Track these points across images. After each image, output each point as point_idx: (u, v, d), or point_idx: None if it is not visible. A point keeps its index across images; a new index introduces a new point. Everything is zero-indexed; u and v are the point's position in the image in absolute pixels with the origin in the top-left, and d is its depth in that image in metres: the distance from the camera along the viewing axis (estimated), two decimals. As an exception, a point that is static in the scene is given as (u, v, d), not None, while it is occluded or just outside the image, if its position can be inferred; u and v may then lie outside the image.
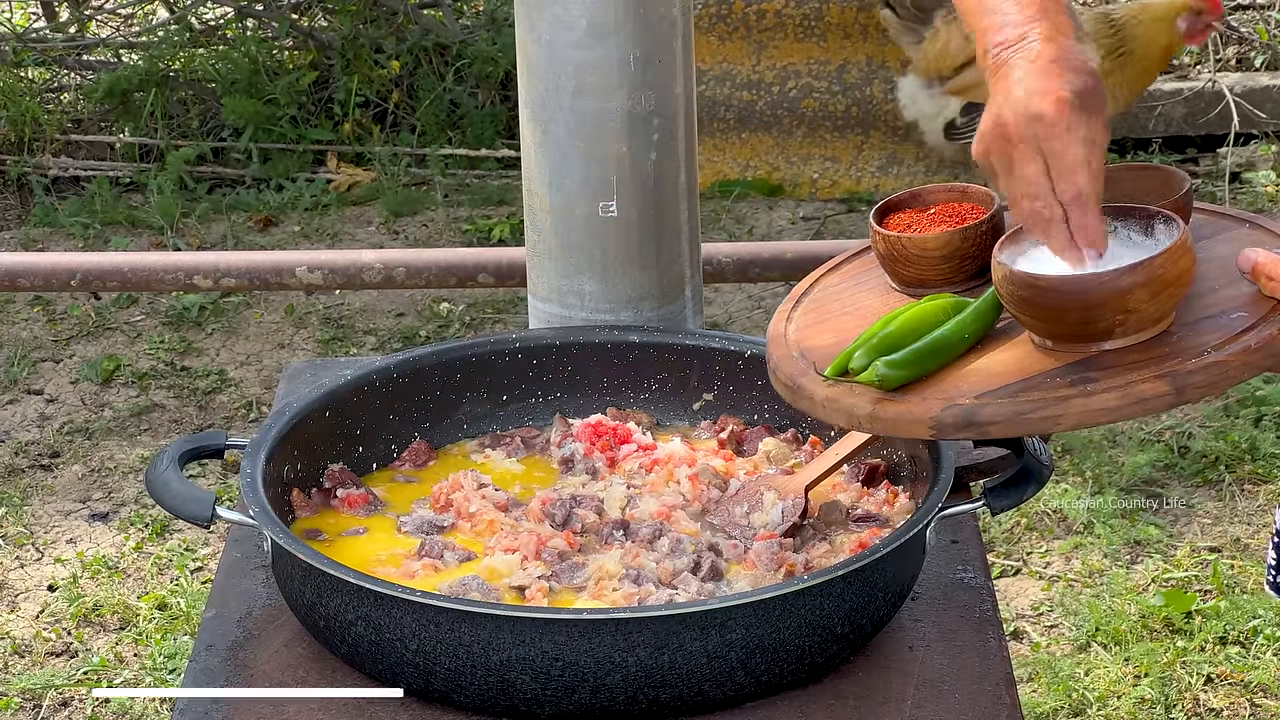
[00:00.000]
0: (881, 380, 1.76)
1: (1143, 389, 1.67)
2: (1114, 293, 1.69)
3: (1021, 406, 1.69)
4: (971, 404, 1.71)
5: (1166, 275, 1.70)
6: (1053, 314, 1.73)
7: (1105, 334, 1.72)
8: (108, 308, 4.90)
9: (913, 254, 1.92)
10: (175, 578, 3.78)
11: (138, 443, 4.32)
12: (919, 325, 1.81)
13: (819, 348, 1.88)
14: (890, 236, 1.93)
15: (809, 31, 5.42)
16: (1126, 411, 1.67)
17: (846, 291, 1.99)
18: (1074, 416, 1.67)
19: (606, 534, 1.94)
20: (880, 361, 1.76)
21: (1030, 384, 1.72)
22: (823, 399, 1.80)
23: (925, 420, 1.72)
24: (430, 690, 1.76)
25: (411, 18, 5.85)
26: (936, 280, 1.93)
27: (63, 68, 5.98)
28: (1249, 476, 4.01)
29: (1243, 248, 1.78)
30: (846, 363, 1.80)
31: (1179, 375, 1.67)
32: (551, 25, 2.17)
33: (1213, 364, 1.67)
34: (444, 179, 5.50)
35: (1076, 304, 1.71)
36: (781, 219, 5.32)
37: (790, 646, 1.75)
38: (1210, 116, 5.52)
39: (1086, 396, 1.67)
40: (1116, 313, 1.70)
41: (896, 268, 1.95)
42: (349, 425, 2.08)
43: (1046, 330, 1.75)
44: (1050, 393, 1.69)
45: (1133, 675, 3.41)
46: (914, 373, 1.77)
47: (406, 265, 3.53)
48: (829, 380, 1.80)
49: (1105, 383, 1.68)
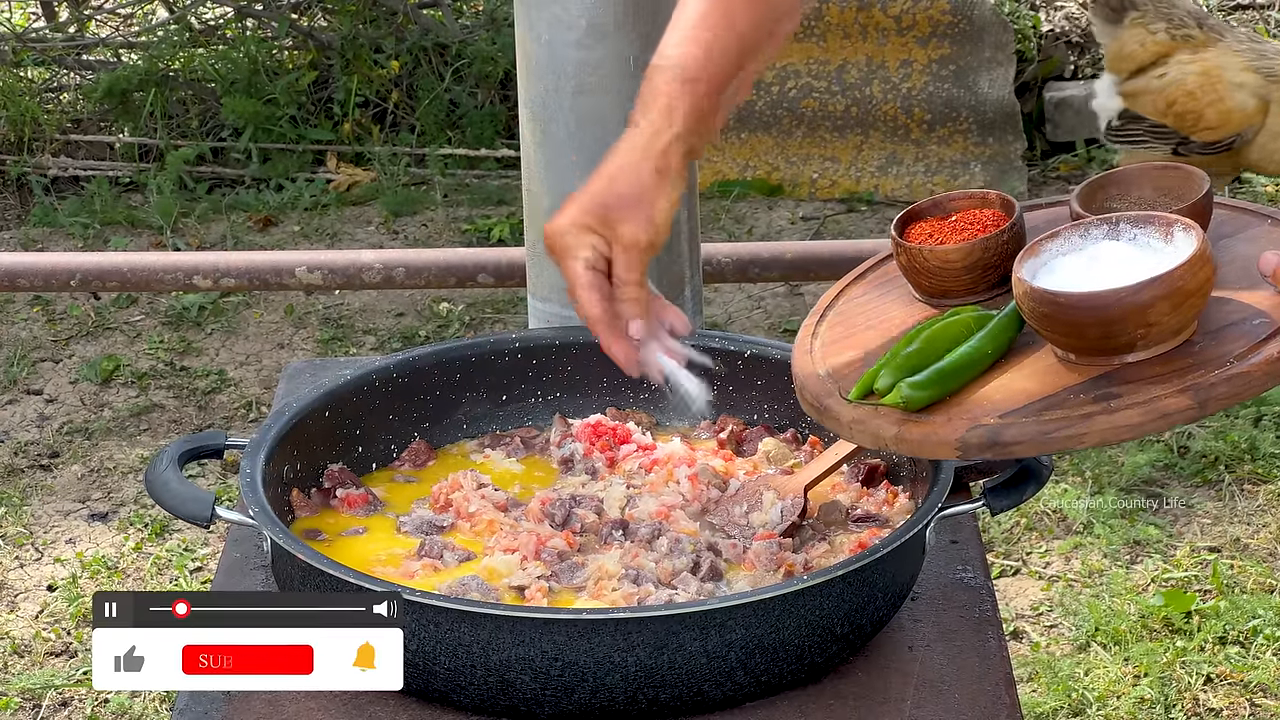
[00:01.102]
0: (906, 401, 1.76)
1: (1165, 404, 1.66)
2: (1135, 307, 1.68)
3: (1045, 426, 1.69)
4: (996, 424, 1.71)
5: (1187, 287, 1.69)
6: (1074, 329, 1.72)
7: (1127, 347, 1.71)
8: (107, 308, 4.90)
9: (934, 266, 1.92)
10: (175, 578, 3.78)
11: (137, 443, 4.32)
12: (941, 343, 1.81)
13: (844, 365, 1.88)
14: (912, 249, 1.93)
15: (808, 31, 5.42)
16: (1150, 427, 1.66)
17: (871, 303, 1.99)
18: (1097, 435, 1.67)
19: (606, 534, 1.94)
20: (905, 383, 1.76)
21: (1053, 401, 1.71)
22: (849, 421, 1.80)
23: (951, 442, 1.72)
24: (430, 690, 1.76)
25: (411, 17, 5.85)
26: (959, 291, 1.92)
27: (62, 68, 5.98)
28: (1249, 476, 4.01)
29: (1264, 247, 1.77)
30: (871, 383, 1.80)
31: (1202, 388, 1.66)
32: (551, 25, 2.17)
33: (1236, 375, 1.66)
34: (444, 179, 5.50)
35: (1097, 319, 1.70)
36: (781, 219, 5.32)
37: (790, 647, 1.75)
38: (1210, 116, 5.52)
39: (1110, 414, 1.67)
40: (1138, 326, 1.69)
41: (919, 279, 1.94)
42: (348, 425, 2.08)
43: (1068, 345, 1.74)
44: (1073, 410, 1.69)
45: (1132, 675, 3.41)
46: (938, 393, 1.77)
47: (406, 265, 3.53)
48: (854, 402, 1.80)
49: (1128, 399, 1.67)
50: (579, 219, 1.85)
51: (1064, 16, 5.85)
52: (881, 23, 5.40)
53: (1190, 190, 1.88)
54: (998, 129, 5.42)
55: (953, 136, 5.43)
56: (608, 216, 1.85)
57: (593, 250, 1.86)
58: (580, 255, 1.86)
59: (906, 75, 5.42)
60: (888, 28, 5.40)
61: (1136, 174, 1.93)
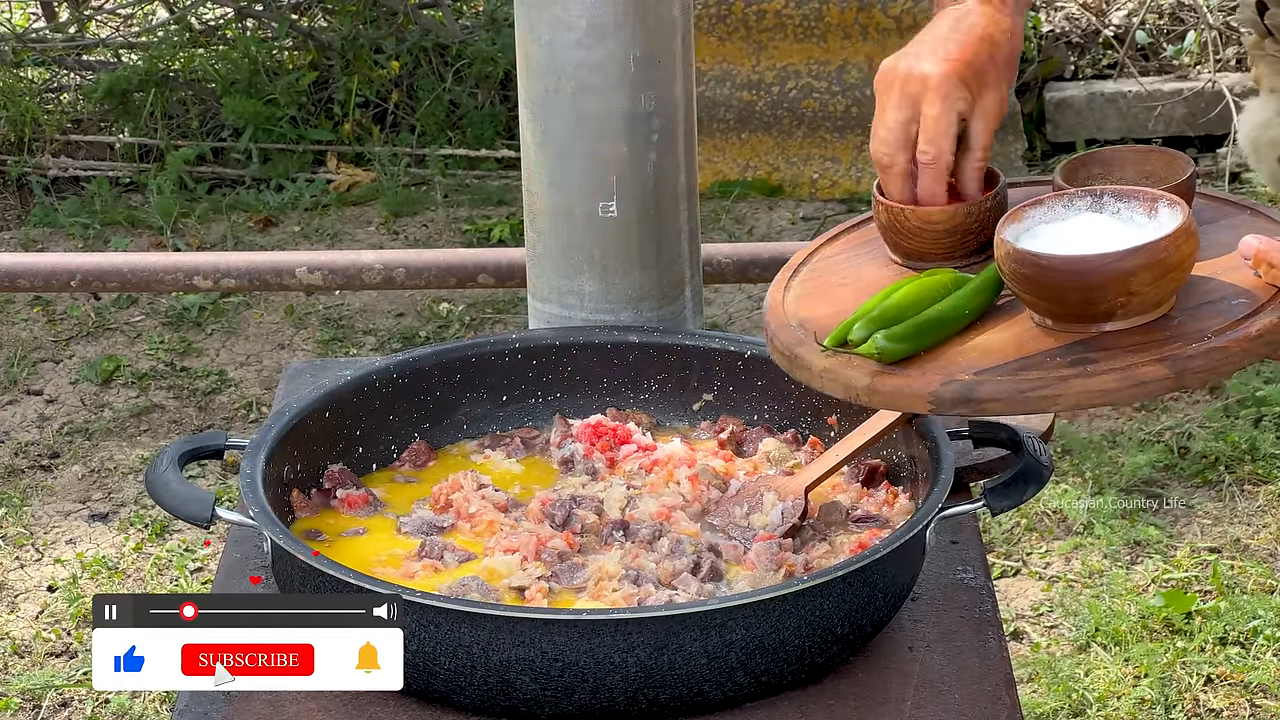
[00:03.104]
0: (881, 353, 1.76)
1: (1142, 372, 1.67)
2: (1117, 274, 1.69)
3: (1021, 385, 1.69)
4: (970, 380, 1.71)
5: (1170, 259, 1.70)
6: (1054, 293, 1.73)
7: (1106, 315, 1.72)
8: (107, 308, 4.90)
9: (915, 226, 1.92)
10: (175, 578, 3.78)
11: (137, 443, 4.32)
12: (919, 299, 1.81)
13: (817, 318, 1.87)
14: (893, 208, 1.93)
15: (809, 32, 5.42)
16: (1126, 394, 1.67)
17: (845, 262, 1.99)
18: (1073, 397, 1.67)
19: (606, 535, 1.94)
20: (880, 334, 1.76)
21: (1030, 363, 1.72)
22: (820, 370, 1.80)
23: (924, 395, 1.72)
24: (430, 690, 1.76)
25: (411, 18, 5.85)
26: (937, 254, 1.93)
27: (62, 68, 5.98)
28: (1249, 477, 4.01)
29: (1244, 234, 1.78)
30: (845, 334, 1.79)
31: (1179, 359, 1.67)
32: (551, 25, 2.17)
33: (1213, 349, 1.68)
34: (444, 179, 5.50)
35: (1078, 284, 1.71)
36: (781, 219, 5.32)
37: (790, 647, 1.75)
38: (1210, 117, 5.53)
39: (1086, 377, 1.67)
40: (1118, 294, 1.70)
41: (898, 239, 1.94)
42: (349, 426, 2.08)
43: (1047, 309, 1.75)
44: (1050, 372, 1.69)
45: (1133, 676, 3.41)
46: (913, 346, 1.76)
47: (406, 266, 3.53)
48: (827, 351, 1.80)
49: (1105, 364, 1.68)
50: (961, 72, 1.88)
51: (1064, 17, 5.85)
52: (882, 23, 5.40)
53: (1173, 173, 1.90)
54: (998, 129, 5.41)
55: (953, 137, 5.42)
56: (982, 80, 1.89)
57: (965, 104, 1.89)
58: (956, 106, 1.88)
59: (907, 76, 5.41)
60: (888, 28, 5.40)
61: (1120, 155, 1.94)
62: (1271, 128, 3.85)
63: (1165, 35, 5.82)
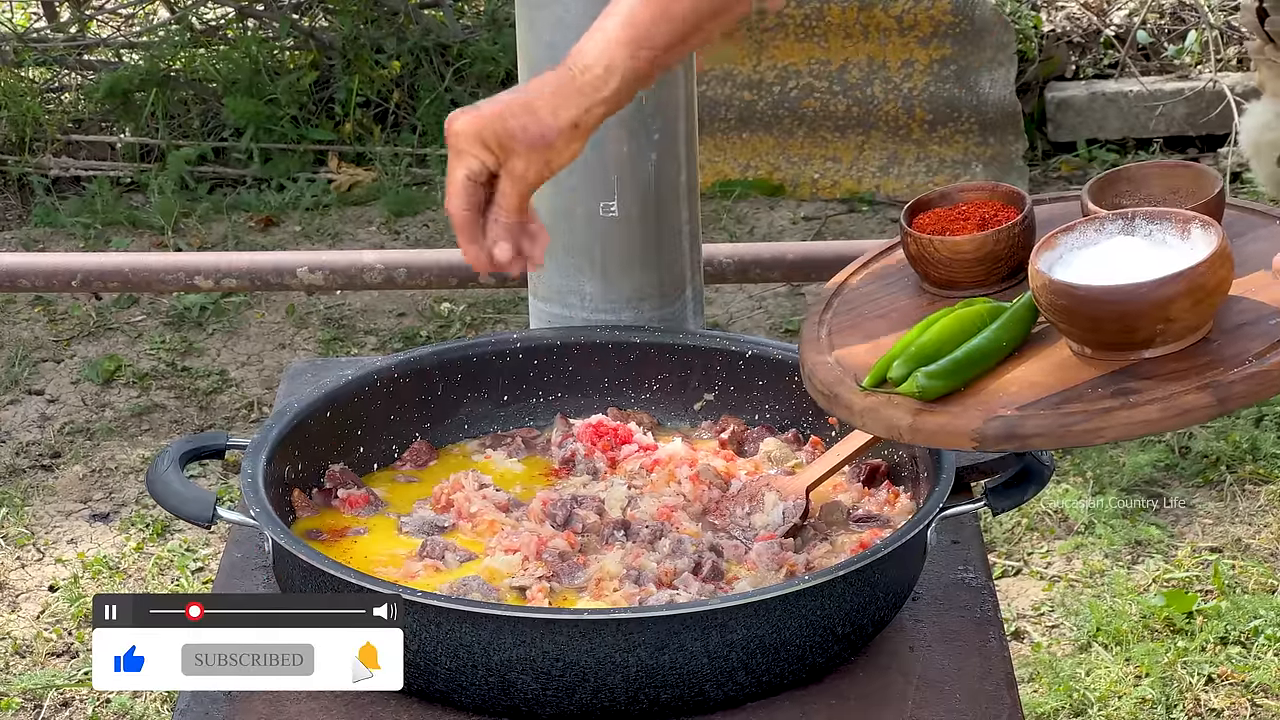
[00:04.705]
0: (921, 391, 1.74)
1: (1185, 400, 1.64)
2: (1154, 302, 1.67)
3: (1064, 419, 1.67)
4: (1014, 416, 1.69)
5: (1208, 284, 1.68)
6: (1092, 323, 1.71)
7: (1145, 343, 1.70)
8: (108, 308, 4.90)
9: (944, 256, 1.91)
10: (176, 578, 3.78)
11: (138, 443, 4.32)
12: (956, 333, 1.79)
13: (853, 354, 1.86)
14: (922, 239, 1.92)
15: (809, 31, 5.42)
16: (1169, 423, 1.65)
17: (877, 294, 1.97)
18: (1117, 429, 1.65)
19: (607, 534, 1.94)
20: (920, 372, 1.74)
21: (1071, 395, 1.69)
22: (861, 409, 1.78)
23: (967, 433, 1.70)
24: (430, 690, 1.76)
25: (412, 18, 5.85)
26: (968, 282, 1.91)
27: (63, 68, 5.98)
28: (1250, 477, 4.01)
29: (1275, 247, 1.76)
30: (884, 372, 1.78)
31: (1221, 385, 1.65)
32: (553, 26, 2.17)
33: (1255, 374, 1.65)
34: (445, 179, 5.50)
35: (1116, 314, 1.69)
36: (782, 219, 5.32)
37: (791, 647, 1.75)
38: (1211, 117, 5.53)
39: (1129, 409, 1.65)
40: (1157, 322, 1.68)
41: (927, 269, 1.94)
42: (350, 425, 2.08)
43: (1085, 339, 1.73)
44: (1092, 405, 1.67)
45: (1134, 675, 3.41)
46: (954, 383, 1.75)
47: (407, 266, 3.52)
48: (867, 390, 1.79)
49: (1147, 394, 1.66)
50: (481, 132, 1.84)
51: (1065, 17, 5.85)
52: (883, 23, 5.40)
53: (1202, 189, 1.88)
54: (999, 129, 5.42)
55: (954, 137, 5.43)
56: (509, 144, 1.84)
57: (480, 166, 1.85)
58: (466, 165, 1.85)
59: (908, 75, 5.42)
60: (889, 28, 5.40)
61: (1147, 171, 1.92)
62: (1272, 130, 3.84)
63: (1166, 35, 5.82)
